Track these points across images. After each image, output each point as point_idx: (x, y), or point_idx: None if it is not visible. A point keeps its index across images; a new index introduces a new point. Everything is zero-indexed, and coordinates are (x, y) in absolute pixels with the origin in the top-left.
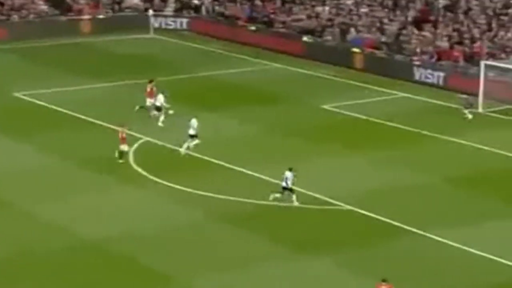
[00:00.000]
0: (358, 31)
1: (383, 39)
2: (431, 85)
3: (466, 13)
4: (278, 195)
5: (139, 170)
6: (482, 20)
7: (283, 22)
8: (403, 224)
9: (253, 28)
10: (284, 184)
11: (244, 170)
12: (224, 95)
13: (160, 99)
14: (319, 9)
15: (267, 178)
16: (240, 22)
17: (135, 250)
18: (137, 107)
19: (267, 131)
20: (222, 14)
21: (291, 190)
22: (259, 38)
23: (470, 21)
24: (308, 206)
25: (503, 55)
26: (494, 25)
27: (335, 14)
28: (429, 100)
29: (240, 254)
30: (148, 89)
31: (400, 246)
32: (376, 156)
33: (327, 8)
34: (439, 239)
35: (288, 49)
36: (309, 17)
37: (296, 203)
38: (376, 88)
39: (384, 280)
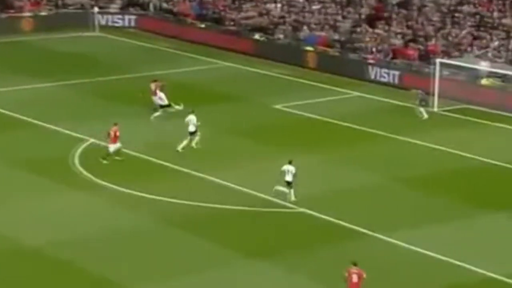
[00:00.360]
0: (310, 29)
1: (336, 37)
2: (386, 84)
3: (419, 10)
4: (283, 189)
5: (85, 172)
6: (436, 17)
7: (233, 20)
8: (356, 226)
9: (202, 25)
10: (288, 178)
11: (194, 173)
12: (173, 95)
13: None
14: (270, 6)
15: (218, 180)
16: (189, 20)
17: (80, 256)
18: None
19: (218, 132)
20: (170, 11)
21: (290, 184)
22: (209, 36)
23: (424, 18)
24: (259, 209)
25: (457, 53)
26: (448, 22)
27: (287, 12)
28: (384, 99)
29: (189, 260)
30: (153, 88)
31: (353, 248)
32: (329, 157)
33: (278, 5)
34: (393, 240)
35: (239, 47)
36: (260, 14)
37: (293, 199)
38: (329, 87)
39: (354, 264)
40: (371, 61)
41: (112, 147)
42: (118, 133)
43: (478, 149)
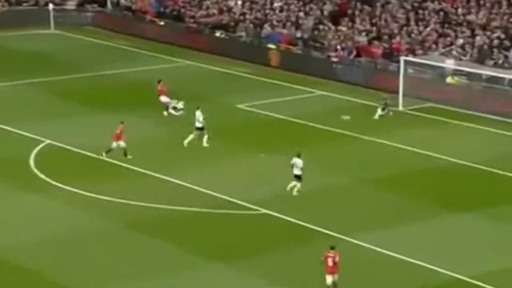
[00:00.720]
0: (272, 27)
1: (299, 34)
2: (350, 82)
3: (383, 7)
4: (295, 183)
5: (41, 175)
6: (400, 14)
7: (194, 17)
8: (322, 227)
9: (162, 23)
10: (295, 172)
11: (153, 174)
12: (133, 94)
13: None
14: (231, 3)
15: (179, 181)
16: (148, 17)
17: (37, 261)
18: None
19: (179, 132)
20: (128, 8)
21: (299, 177)
22: (169, 34)
23: (388, 15)
24: (222, 211)
25: (421, 51)
26: (412, 19)
27: (248, 9)
28: (349, 98)
29: (147, 263)
30: (159, 88)
31: (318, 251)
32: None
33: (239, 2)
34: (359, 242)
35: (200, 45)
36: (221, 11)
37: (295, 193)
38: (293, 86)
39: (332, 248)
40: (335, 59)
41: (115, 144)
42: (119, 132)
43: (444, 149)
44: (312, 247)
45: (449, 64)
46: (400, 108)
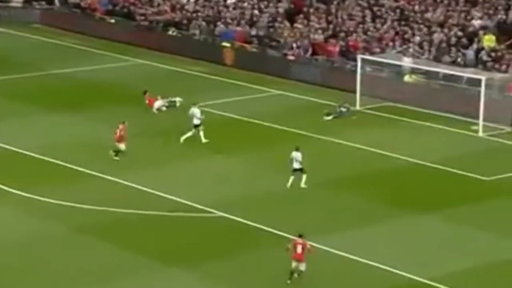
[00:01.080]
0: (227, 24)
1: (254, 32)
2: (307, 81)
3: (339, 4)
4: (293, 177)
5: None
6: (356, 11)
7: (144, 15)
8: (279, 230)
9: (112, 21)
10: (295, 166)
11: (106, 176)
12: (83, 94)
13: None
14: (183, 0)
15: (132, 184)
16: (98, 15)
17: None
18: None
19: (132, 133)
20: (77, 6)
21: (301, 170)
22: (119, 32)
23: (344, 12)
24: (177, 214)
25: (378, 49)
26: (368, 17)
27: (201, 6)
28: (305, 97)
29: (101, 268)
30: (147, 99)
31: (276, 254)
32: (250, 158)
33: None
34: (316, 245)
35: (152, 43)
36: (173, 9)
37: (304, 186)
38: (248, 85)
39: (300, 236)
40: (291, 58)
41: (123, 146)
42: (122, 132)
43: (402, 149)
44: (269, 250)
45: (407, 62)
46: (357, 107)
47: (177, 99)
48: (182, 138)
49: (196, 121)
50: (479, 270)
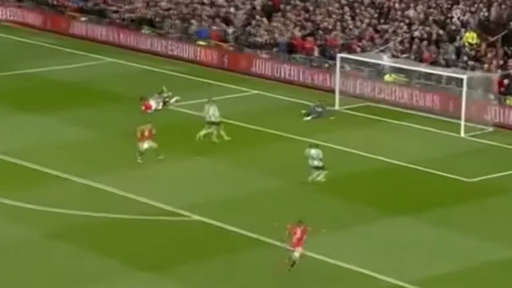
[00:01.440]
0: (201, 22)
1: (230, 30)
2: (284, 81)
3: (317, 1)
4: (316, 176)
5: None
6: (334, 8)
7: (117, 12)
8: (256, 234)
9: (83, 18)
10: (316, 163)
11: (77, 179)
12: (53, 94)
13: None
14: None
15: (104, 187)
16: (68, 12)
17: None
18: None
19: (103, 135)
20: (46, 3)
21: (322, 168)
22: (91, 29)
23: (322, 10)
24: (151, 218)
25: (358, 47)
26: (347, 14)
27: (175, 3)
28: (282, 97)
29: (75, 274)
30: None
31: (254, 258)
32: (225, 160)
33: None
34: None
35: (124, 42)
36: (147, 5)
37: (323, 179)
38: (225, 85)
39: (299, 221)
40: (267, 56)
41: (146, 145)
42: (152, 132)
43: (382, 150)
44: (246, 254)
45: (387, 61)
46: (336, 107)
47: (175, 98)
48: (200, 134)
49: (214, 119)
50: (461, 273)
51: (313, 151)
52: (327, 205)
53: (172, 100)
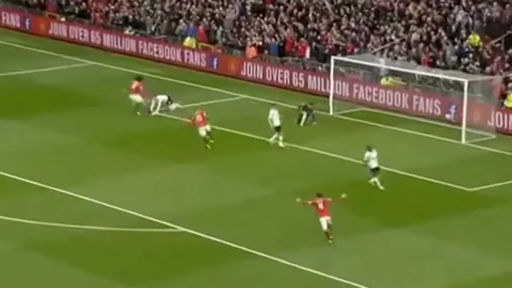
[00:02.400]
0: (188, 22)
1: (219, 31)
2: (274, 84)
3: (310, 0)
4: (375, 180)
5: None
6: (329, 8)
7: (99, 12)
8: (245, 246)
9: (63, 19)
10: (375, 165)
11: (57, 189)
12: (31, 99)
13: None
14: None
15: (84, 197)
16: (48, 12)
17: None
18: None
19: (85, 141)
20: (25, 3)
21: (377, 169)
22: (72, 30)
23: (316, 10)
24: (134, 230)
25: (352, 49)
26: (342, 14)
27: (160, 2)
28: (274, 102)
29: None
30: (133, 86)
31: (239, 269)
32: (211, 168)
33: None
34: (282, 261)
35: (106, 43)
36: (130, 5)
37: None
38: (212, 89)
39: (319, 195)
40: (259, 58)
41: (202, 130)
42: (204, 115)
43: (379, 157)
44: (232, 266)
45: (383, 64)
46: (331, 112)
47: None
48: (270, 140)
49: (277, 123)
50: (460, 287)
51: (371, 154)
52: (316, 216)
53: (173, 107)
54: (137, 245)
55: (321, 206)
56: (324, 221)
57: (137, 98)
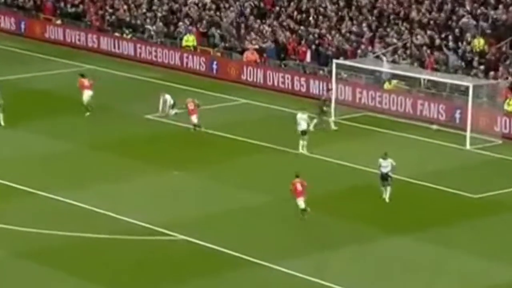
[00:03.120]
0: (187, 25)
1: (217, 33)
2: (274, 89)
3: (312, 2)
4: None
5: None
6: (330, 11)
7: (96, 14)
8: (245, 255)
9: (58, 21)
10: (383, 171)
11: (46, 194)
12: (25, 104)
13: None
14: None
15: (81, 204)
16: (43, 14)
17: None
18: None
19: (80, 147)
20: (19, 5)
21: (385, 179)
22: (68, 33)
23: (317, 12)
24: (130, 237)
25: (355, 52)
26: (344, 17)
27: (158, 5)
28: (272, 106)
29: None
30: (86, 83)
31: (238, 278)
32: (209, 174)
33: None
34: (282, 269)
35: (103, 46)
36: (128, 8)
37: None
38: (212, 93)
39: (297, 176)
40: (258, 61)
41: (194, 118)
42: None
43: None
44: (232, 274)
45: (386, 67)
46: (332, 117)
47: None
48: (301, 149)
49: (304, 126)
50: None
51: (383, 161)
52: (318, 222)
53: (172, 112)
54: (134, 252)
55: (299, 187)
56: (302, 200)
57: (89, 93)
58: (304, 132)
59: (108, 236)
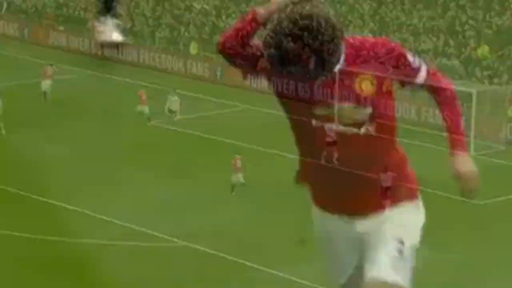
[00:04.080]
0: (190, 30)
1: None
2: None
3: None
4: None
5: None
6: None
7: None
8: (249, 261)
9: (61, 28)
10: None
11: (42, 199)
12: (26, 109)
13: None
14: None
15: (84, 210)
16: (46, 20)
17: None
18: None
19: (82, 153)
20: (22, 9)
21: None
22: (72, 40)
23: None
24: (131, 243)
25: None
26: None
27: (161, 11)
28: (276, 112)
29: None
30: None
31: (240, 284)
32: (210, 182)
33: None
34: (287, 276)
35: (105, 53)
36: (131, 15)
37: None
38: (215, 100)
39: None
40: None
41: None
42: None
43: None
44: (234, 280)
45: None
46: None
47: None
48: None
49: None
50: None
51: None
52: None
53: (175, 119)
54: (137, 259)
55: (238, 164)
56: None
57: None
58: None
59: (106, 242)
